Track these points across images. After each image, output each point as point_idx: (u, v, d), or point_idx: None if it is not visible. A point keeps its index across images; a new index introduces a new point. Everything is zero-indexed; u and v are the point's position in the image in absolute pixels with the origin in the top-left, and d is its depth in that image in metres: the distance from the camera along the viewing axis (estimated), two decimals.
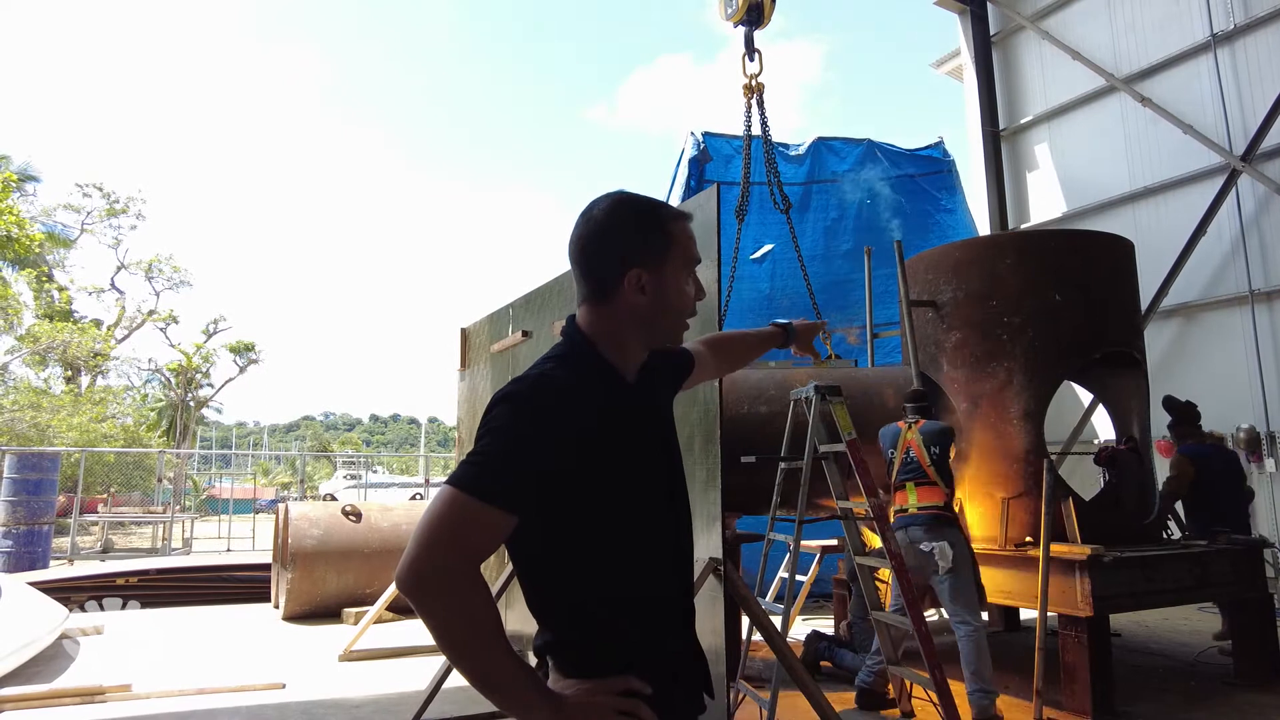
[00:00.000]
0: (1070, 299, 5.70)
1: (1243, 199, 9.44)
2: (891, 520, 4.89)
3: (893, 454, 5.02)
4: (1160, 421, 6.53)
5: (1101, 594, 4.85)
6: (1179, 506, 6.30)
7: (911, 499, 4.85)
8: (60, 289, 26.84)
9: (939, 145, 11.78)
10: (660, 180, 10.51)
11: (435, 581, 1.10)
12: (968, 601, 4.71)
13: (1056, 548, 4.99)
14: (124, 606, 8.85)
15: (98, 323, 28.34)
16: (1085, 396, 9.97)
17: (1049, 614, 5.00)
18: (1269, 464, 8.84)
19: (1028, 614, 7.29)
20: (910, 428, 5.02)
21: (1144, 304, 7.80)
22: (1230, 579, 5.48)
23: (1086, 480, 9.46)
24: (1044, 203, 11.93)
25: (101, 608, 8.75)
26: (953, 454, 5.09)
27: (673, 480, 1.41)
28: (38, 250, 24.35)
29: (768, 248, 9.97)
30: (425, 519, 1.12)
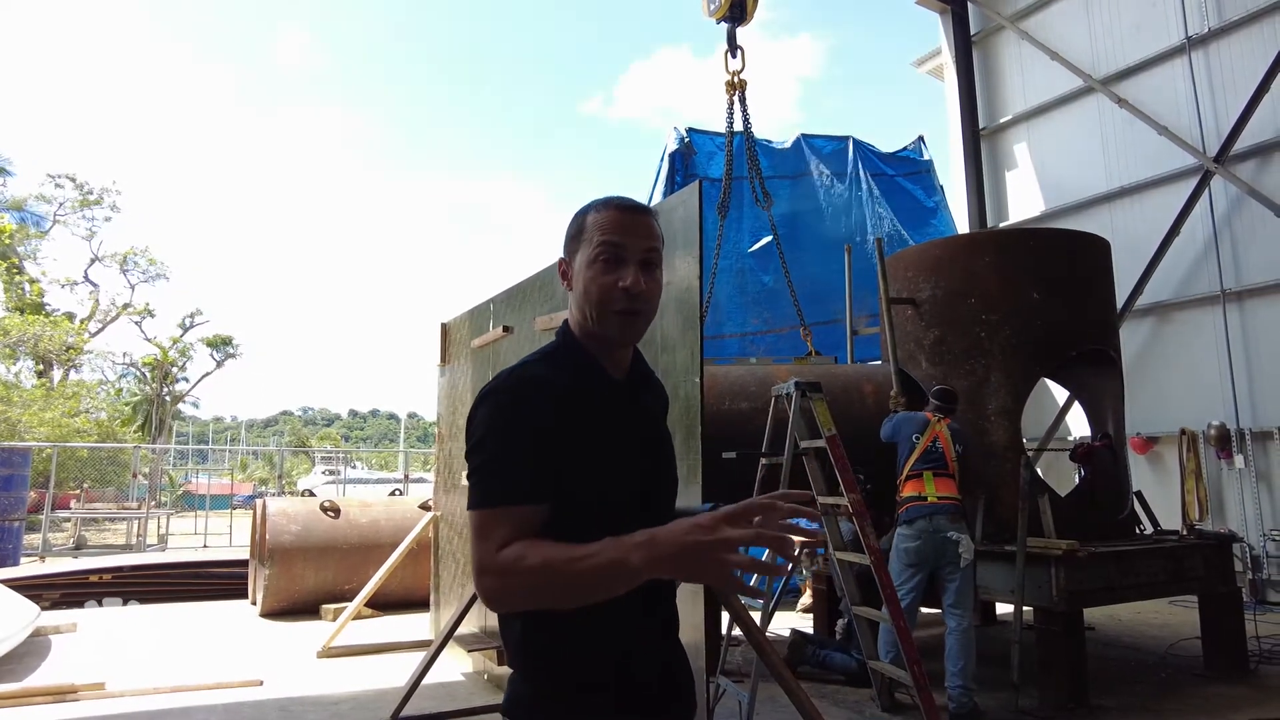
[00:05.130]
0: (1048, 297, 5.77)
1: (1215, 200, 9.59)
2: (904, 509, 4.93)
3: (917, 439, 5.03)
4: (1135, 419, 6.64)
5: (1076, 588, 4.92)
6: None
7: (930, 488, 4.88)
8: (31, 281, 26.37)
9: (919, 144, 11.88)
10: (652, 175, 10.48)
11: (499, 588, 1.16)
12: (969, 597, 4.77)
13: (1033, 542, 5.06)
14: (125, 604, 8.77)
15: (71, 316, 27.90)
16: (1061, 394, 10.11)
17: (1024, 608, 5.07)
18: (1238, 460, 9.01)
19: (1003, 608, 7.38)
20: (939, 421, 5.09)
21: (1119, 302, 7.90)
22: (1201, 573, 5.58)
23: (1062, 476, 9.60)
24: (1023, 202, 12.06)
25: (100, 605, 8.67)
26: None
27: (654, 485, 1.39)
28: (8, 242, 23.93)
29: (765, 240, 10.02)
30: (470, 549, 1.20)
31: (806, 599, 8.09)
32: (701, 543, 1.02)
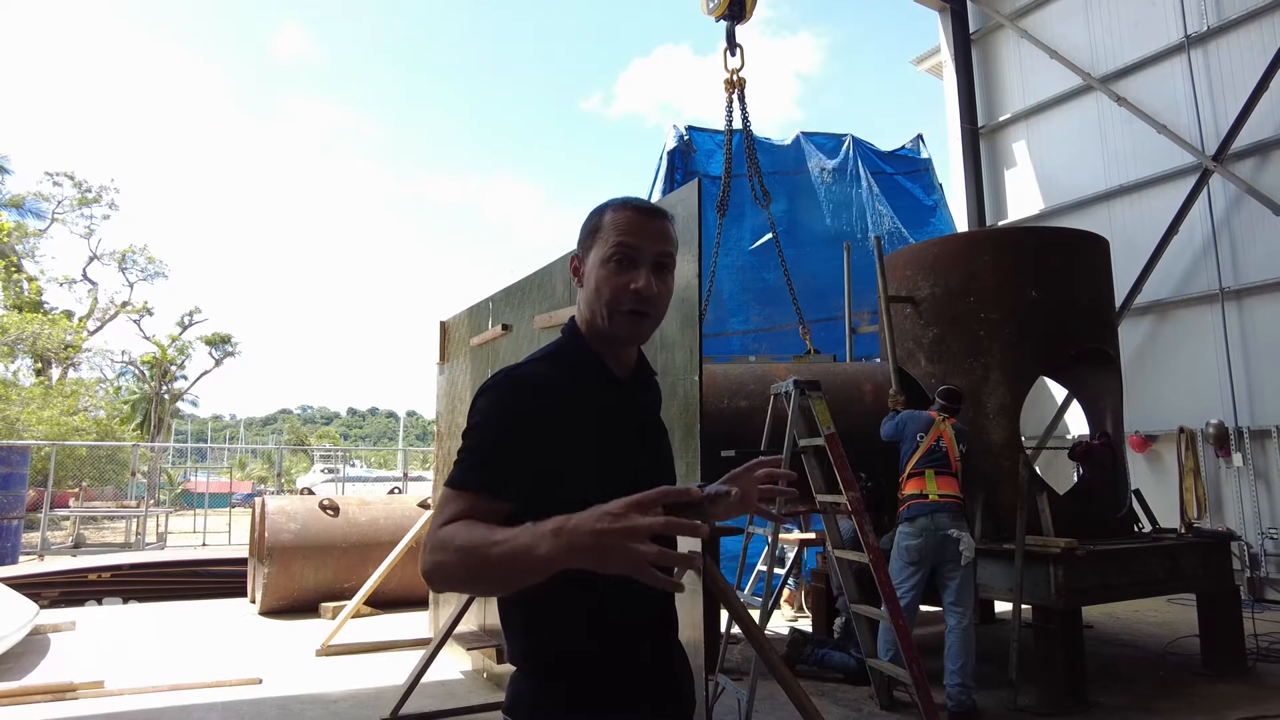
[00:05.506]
0: (1047, 296, 5.78)
1: (1214, 198, 9.59)
2: (905, 507, 4.94)
3: (921, 438, 5.05)
4: (1134, 417, 6.63)
5: (1075, 586, 4.93)
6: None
7: (931, 486, 4.89)
8: (30, 279, 26.33)
9: (918, 143, 11.88)
10: (651, 173, 10.47)
11: (431, 564, 1.13)
12: (969, 595, 4.78)
13: (1031, 541, 5.06)
14: (125, 602, 8.76)
15: (69, 314, 27.86)
16: (1060, 392, 10.11)
17: (1023, 606, 5.08)
18: (1236, 459, 9.01)
19: (1002, 606, 7.39)
20: (944, 420, 5.11)
21: (1118, 301, 7.90)
22: (1199, 571, 5.59)
23: (1061, 474, 9.61)
24: (1021, 200, 12.06)
25: (100, 604, 8.67)
26: None
27: (651, 484, 1.38)
28: (5, 239, 23.90)
29: (767, 237, 10.06)
30: (431, 521, 1.20)
31: (788, 610, 8.02)
32: (610, 530, 0.97)
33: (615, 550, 0.97)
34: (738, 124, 8.16)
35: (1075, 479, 7.02)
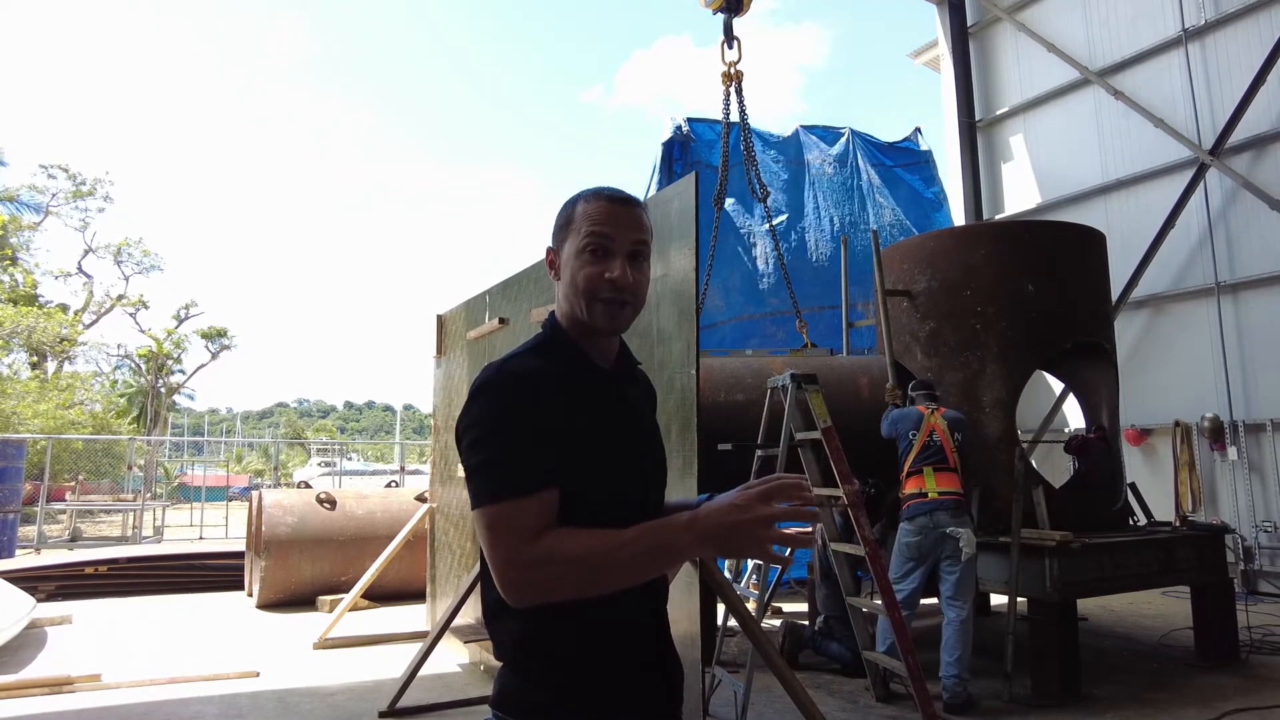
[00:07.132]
0: (1043, 289, 5.78)
1: (1211, 192, 9.60)
2: (906, 506, 4.95)
3: (913, 436, 5.03)
4: (1130, 411, 6.65)
5: (1070, 579, 4.95)
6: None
7: (930, 484, 4.88)
8: (25, 272, 26.21)
9: (916, 135, 11.87)
10: (651, 165, 10.43)
11: (536, 581, 1.16)
12: (969, 589, 4.80)
13: (1027, 534, 5.08)
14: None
15: (64, 307, 27.76)
16: (1056, 386, 10.14)
17: (1018, 598, 5.10)
18: (1231, 452, 9.05)
19: (998, 599, 7.42)
20: (933, 413, 5.07)
21: (1114, 295, 7.91)
22: (1194, 564, 5.61)
23: (1057, 468, 9.65)
24: (1018, 194, 12.06)
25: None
26: None
27: (642, 472, 1.39)
28: (1, 233, 23.80)
29: (778, 220, 10.04)
30: (485, 549, 1.18)
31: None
32: (743, 521, 1.09)
33: (744, 538, 1.10)
34: (735, 117, 8.14)
35: (1071, 472, 7.04)
